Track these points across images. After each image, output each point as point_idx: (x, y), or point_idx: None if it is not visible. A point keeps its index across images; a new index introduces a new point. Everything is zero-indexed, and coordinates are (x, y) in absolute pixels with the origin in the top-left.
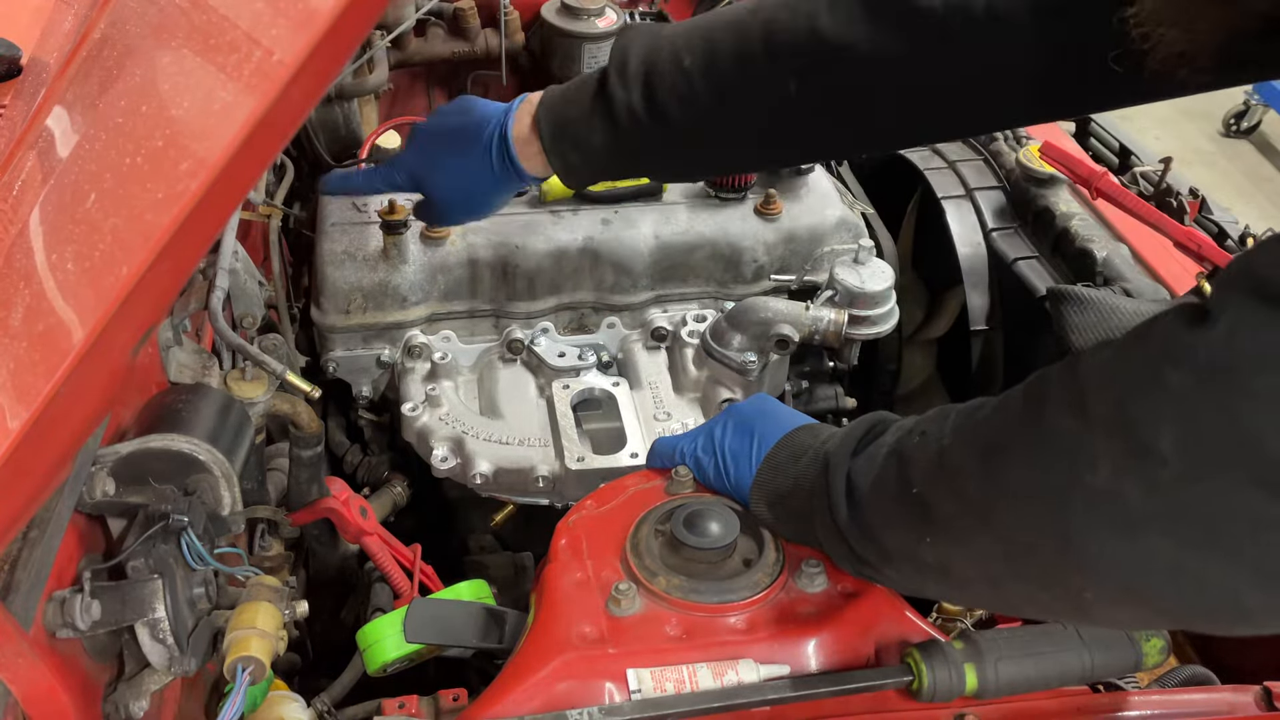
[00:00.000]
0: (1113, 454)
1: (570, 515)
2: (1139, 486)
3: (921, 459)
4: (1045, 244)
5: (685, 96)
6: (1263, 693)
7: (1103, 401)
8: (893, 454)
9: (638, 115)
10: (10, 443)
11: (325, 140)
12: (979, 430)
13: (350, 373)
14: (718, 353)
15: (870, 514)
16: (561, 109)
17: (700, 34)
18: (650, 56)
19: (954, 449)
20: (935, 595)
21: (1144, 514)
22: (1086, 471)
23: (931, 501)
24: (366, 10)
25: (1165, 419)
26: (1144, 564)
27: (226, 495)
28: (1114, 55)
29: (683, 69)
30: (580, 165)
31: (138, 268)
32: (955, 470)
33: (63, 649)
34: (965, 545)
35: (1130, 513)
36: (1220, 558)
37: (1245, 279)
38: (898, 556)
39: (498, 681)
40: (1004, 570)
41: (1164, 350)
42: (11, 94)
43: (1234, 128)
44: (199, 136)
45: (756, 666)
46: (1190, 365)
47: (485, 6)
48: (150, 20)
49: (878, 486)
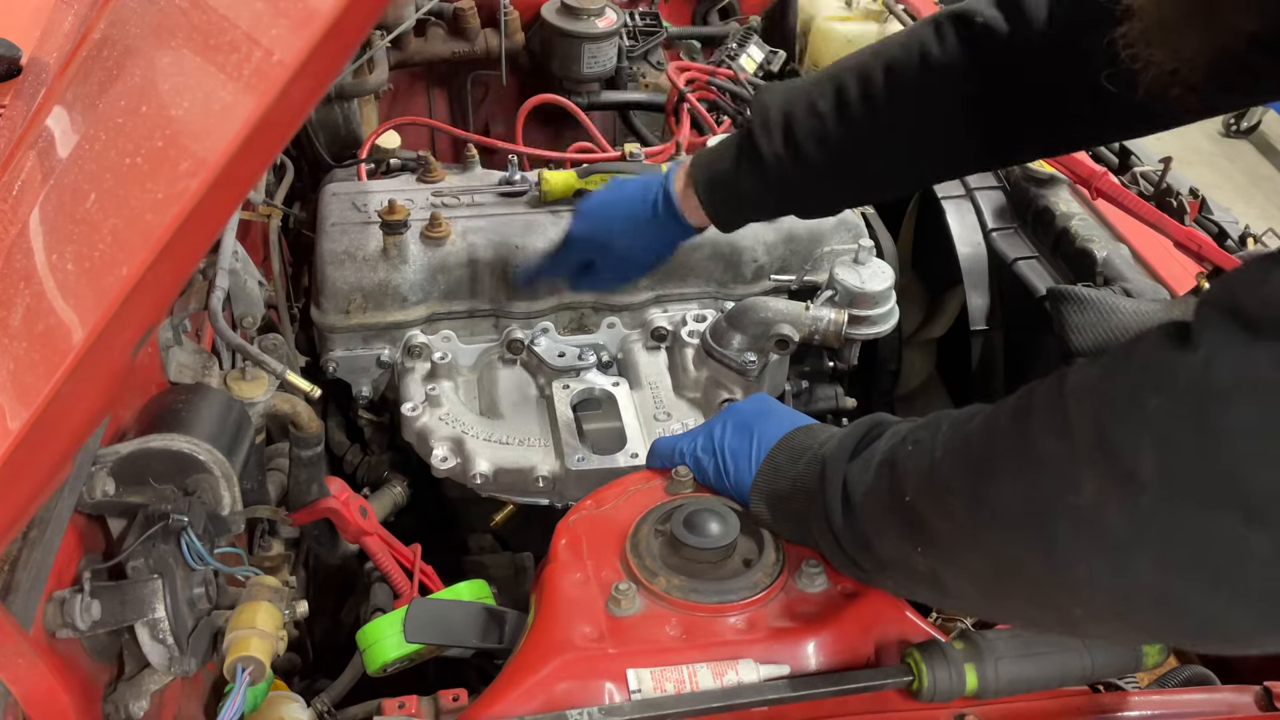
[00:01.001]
0: (1096, 476)
1: (570, 515)
2: (1121, 510)
3: (914, 471)
4: (1045, 244)
5: (822, 137)
6: (1263, 693)
7: (1086, 423)
8: (886, 463)
9: (782, 160)
10: (10, 443)
11: (325, 140)
12: (969, 445)
13: (350, 373)
14: (718, 353)
15: (865, 522)
16: (711, 164)
17: (830, 79)
18: (788, 106)
19: (944, 463)
20: (930, 603)
21: (1127, 537)
22: (1071, 493)
23: (923, 513)
24: (366, 10)
25: (1145, 444)
26: (1129, 587)
27: (226, 495)
28: (1106, 74)
29: (818, 113)
30: (734, 211)
31: (137, 268)
32: (945, 488)
33: (63, 649)
34: (955, 561)
35: (1114, 536)
36: (1201, 583)
37: (1226, 301)
38: (892, 565)
39: (498, 681)
40: (994, 586)
41: (1145, 372)
42: (11, 94)
43: (1234, 128)
44: (199, 136)
45: (756, 666)
46: (1169, 390)
47: (485, 6)
48: (150, 20)
49: (871, 495)
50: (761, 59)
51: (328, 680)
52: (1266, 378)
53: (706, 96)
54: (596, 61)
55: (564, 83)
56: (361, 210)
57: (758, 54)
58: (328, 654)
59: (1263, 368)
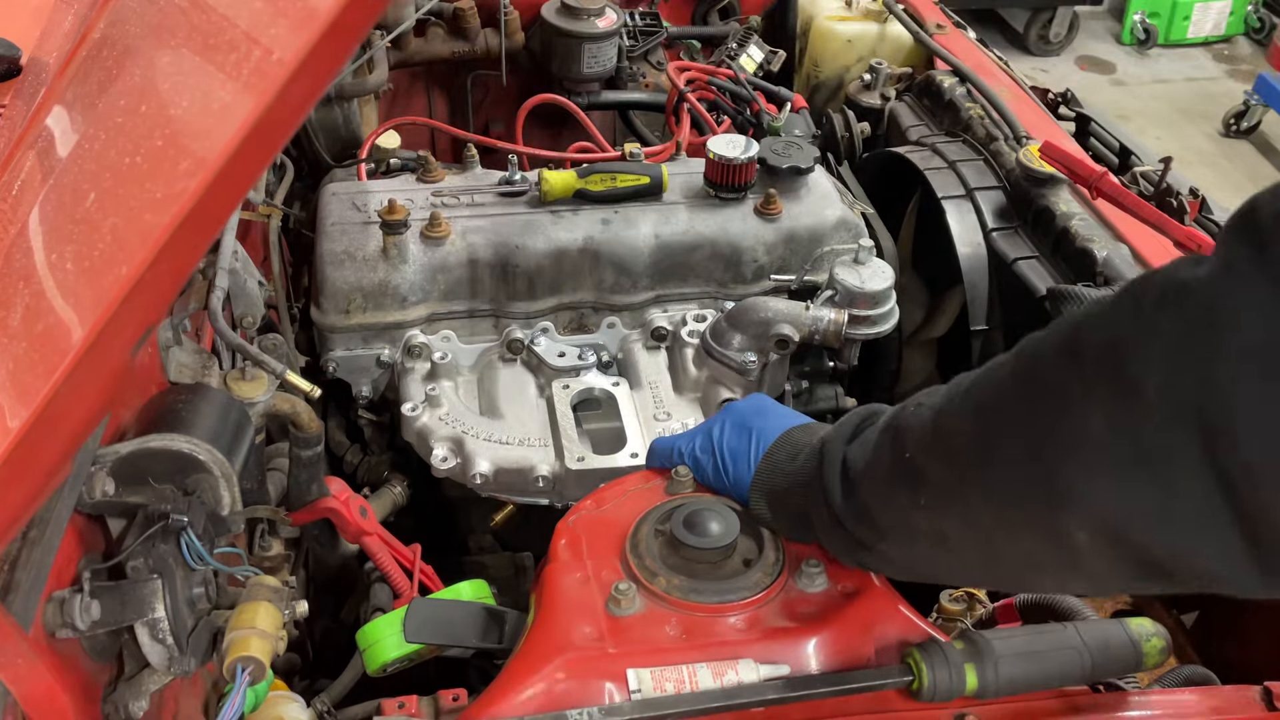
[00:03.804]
0: (1102, 396)
1: (570, 515)
2: (1125, 429)
3: (916, 427)
4: (1045, 244)
5: None
6: (1263, 693)
7: (1095, 345)
8: (887, 430)
9: None
10: (10, 443)
11: (325, 140)
12: (971, 390)
13: (350, 373)
14: (718, 353)
15: (865, 489)
16: None
17: None
18: None
19: (947, 411)
20: (929, 570)
21: (1131, 457)
22: (1077, 414)
23: (923, 465)
24: (366, 10)
25: (1153, 364)
26: (1132, 508)
27: (226, 495)
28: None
29: None
30: None
31: (137, 267)
32: (949, 432)
33: (62, 649)
34: (958, 504)
35: (1118, 455)
36: (1197, 512)
37: (1247, 224)
38: (892, 530)
39: (498, 681)
40: (997, 523)
41: (1160, 293)
42: (11, 94)
43: (1234, 128)
44: (198, 136)
45: (756, 666)
46: (1179, 311)
47: (485, 6)
48: (150, 20)
49: (873, 462)
50: (761, 59)
51: (328, 680)
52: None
53: (706, 96)
54: (596, 61)
55: (564, 83)
56: (361, 210)
57: (758, 54)
58: (328, 654)
59: (1265, 286)
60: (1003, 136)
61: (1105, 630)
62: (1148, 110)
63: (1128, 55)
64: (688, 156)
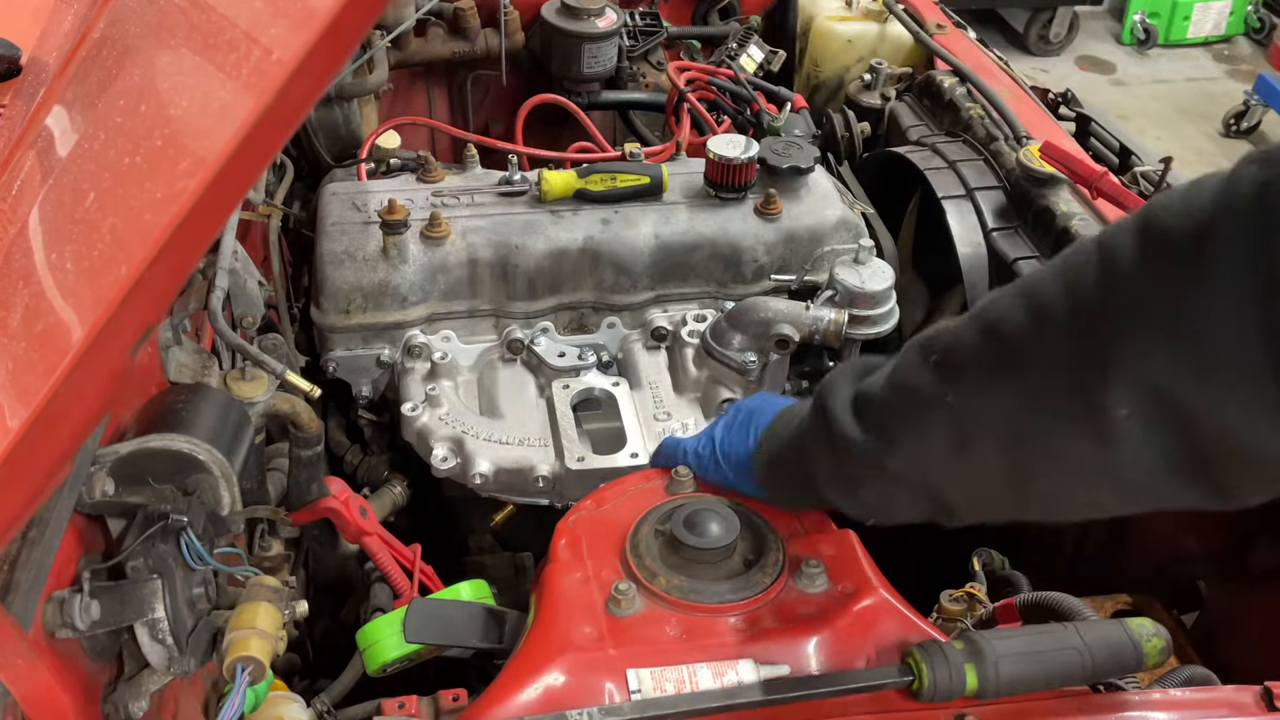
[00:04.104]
0: (1159, 269)
1: (570, 515)
2: (1171, 288)
3: (949, 330)
4: (1045, 244)
5: None
6: (1263, 693)
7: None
8: (912, 346)
9: None
10: (10, 443)
11: (325, 140)
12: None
13: (350, 373)
14: (718, 353)
15: (885, 401)
16: None
17: None
18: None
19: (993, 304)
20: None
21: (1184, 318)
22: (1133, 280)
23: (959, 362)
24: (366, 10)
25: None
26: (1177, 368)
27: (226, 495)
28: None
29: None
30: None
31: (137, 267)
32: (994, 319)
33: (62, 649)
34: (990, 392)
35: (1169, 320)
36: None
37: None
38: (905, 437)
39: (498, 681)
40: (1029, 415)
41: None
42: (11, 94)
43: (1234, 128)
44: (198, 136)
45: (756, 666)
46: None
47: (485, 6)
48: (149, 20)
49: (895, 373)
50: (761, 59)
51: (328, 680)
52: None
53: (706, 96)
54: (596, 61)
55: (564, 83)
56: (361, 210)
57: (758, 54)
58: (328, 654)
59: None
60: (1003, 136)
61: (1106, 630)
62: (1148, 110)
63: (1128, 55)
64: (688, 156)
